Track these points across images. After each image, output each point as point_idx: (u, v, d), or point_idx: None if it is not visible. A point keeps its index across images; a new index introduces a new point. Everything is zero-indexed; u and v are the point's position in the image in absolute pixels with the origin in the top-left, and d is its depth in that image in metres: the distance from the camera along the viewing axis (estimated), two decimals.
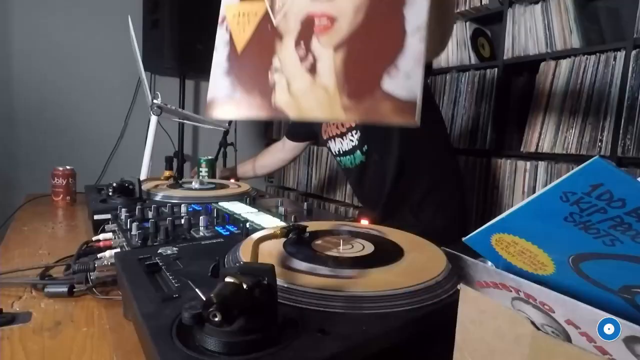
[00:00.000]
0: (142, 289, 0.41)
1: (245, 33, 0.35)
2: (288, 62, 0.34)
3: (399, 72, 0.29)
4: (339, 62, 0.32)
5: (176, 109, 1.40)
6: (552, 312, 0.26)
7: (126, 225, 0.68)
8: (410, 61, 0.29)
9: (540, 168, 1.46)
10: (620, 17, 1.46)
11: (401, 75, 0.29)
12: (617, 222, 0.25)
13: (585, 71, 1.36)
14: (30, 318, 0.48)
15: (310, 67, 0.33)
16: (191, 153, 2.56)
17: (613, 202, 0.24)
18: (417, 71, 0.29)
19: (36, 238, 0.81)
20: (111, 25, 2.13)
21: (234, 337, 0.31)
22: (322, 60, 0.32)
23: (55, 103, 2.10)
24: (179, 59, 2.08)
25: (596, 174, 0.24)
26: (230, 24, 0.36)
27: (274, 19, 0.34)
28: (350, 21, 0.32)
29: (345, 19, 0.32)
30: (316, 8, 0.33)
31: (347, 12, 0.32)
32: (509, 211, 0.29)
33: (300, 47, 0.33)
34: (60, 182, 1.12)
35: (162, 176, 1.29)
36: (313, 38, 0.33)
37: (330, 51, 0.32)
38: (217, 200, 0.92)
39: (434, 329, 0.39)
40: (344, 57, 0.32)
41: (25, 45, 2.02)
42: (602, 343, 0.24)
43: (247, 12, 0.35)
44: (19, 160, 2.05)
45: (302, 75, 0.33)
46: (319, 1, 0.33)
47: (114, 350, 0.42)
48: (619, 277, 0.27)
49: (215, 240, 0.60)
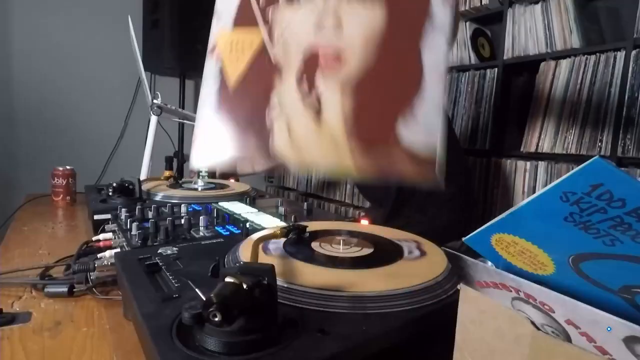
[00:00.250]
0: (142, 289, 0.41)
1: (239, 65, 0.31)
2: (289, 101, 0.29)
3: (417, 122, 0.25)
4: (348, 104, 0.27)
5: (176, 109, 1.40)
6: (552, 312, 0.26)
7: (126, 225, 0.68)
8: (429, 109, 0.25)
9: (540, 168, 1.46)
10: (620, 17, 1.46)
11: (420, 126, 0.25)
12: (617, 222, 0.25)
13: (585, 71, 1.36)
14: (30, 318, 0.48)
15: (315, 110, 0.28)
16: None
17: (613, 202, 0.24)
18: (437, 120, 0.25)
19: (36, 238, 0.81)
20: (111, 25, 2.13)
21: (234, 337, 0.31)
22: (328, 102, 0.28)
23: (55, 103, 2.10)
24: (179, 59, 2.08)
25: (596, 174, 0.24)
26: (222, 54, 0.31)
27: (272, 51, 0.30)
28: (359, 57, 0.27)
29: (354, 54, 0.27)
30: (320, 40, 0.28)
31: (356, 45, 0.27)
32: (508, 211, 0.29)
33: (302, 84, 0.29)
34: (60, 182, 1.12)
35: (162, 176, 1.29)
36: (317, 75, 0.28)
37: (337, 91, 0.28)
38: (217, 200, 0.92)
39: (434, 329, 0.39)
40: (354, 100, 0.27)
41: (25, 45, 2.02)
42: (602, 343, 0.24)
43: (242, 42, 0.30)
44: (19, 160, 2.05)
45: (305, 118, 0.28)
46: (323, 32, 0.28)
47: (114, 350, 0.42)
48: (619, 277, 0.27)
49: (215, 240, 0.60)
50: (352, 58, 0.27)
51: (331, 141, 0.27)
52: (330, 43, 0.28)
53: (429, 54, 0.25)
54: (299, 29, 0.29)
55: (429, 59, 0.26)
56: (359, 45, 0.27)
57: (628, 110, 1.24)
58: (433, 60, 0.25)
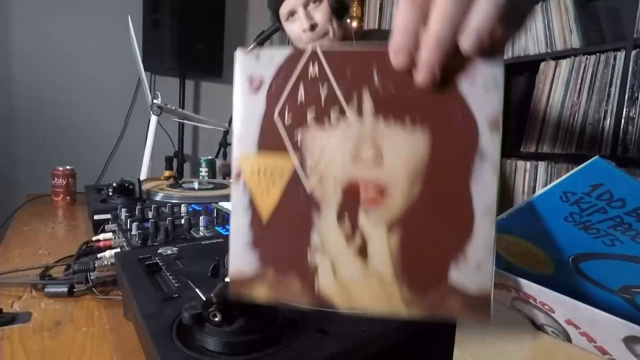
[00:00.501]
0: (142, 289, 0.41)
1: (271, 198, 0.27)
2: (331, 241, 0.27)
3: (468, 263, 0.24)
4: (395, 245, 0.26)
5: (176, 109, 1.40)
6: (552, 312, 0.26)
7: (126, 225, 0.68)
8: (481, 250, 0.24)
9: (540, 168, 1.46)
10: (620, 17, 1.46)
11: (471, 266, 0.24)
12: (617, 222, 0.25)
13: (585, 71, 1.36)
14: (30, 318, 0.48)
15: (360, 249, 0.26)
16: (191, 153, 2.56)
17: (613, 202, 0.24)
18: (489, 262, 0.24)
19: (36, 238, 0.81)
20: (111, 25, 2.13)
21: (234, 337, 0.31)
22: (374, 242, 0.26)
23: (55, 103, 2.10)
24: (179, 59, 2.08)
25: (596, 174, 0.24)
26: (249, 183, 0.28)
27: (306, 182, 0.27)
28: (405, 194, 0.25)
29: (399, 191, 0.25)
30: (360, 174, 0.26)
31: (401, 181, 0.25)
32: (509, 211, 0.29)
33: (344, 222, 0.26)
34: (60, 182, 1.12)
35: (162, 176, 1.29)
36: (360, 212, 0.26)
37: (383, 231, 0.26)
38: (217, 200, 0.92)
39: (434, 329, 0.39)
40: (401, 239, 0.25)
41: (25, 45, 2.02)
42: (602, 343, 0.24)
43: (271, 170, 0.27)
44: (19, 160, 2.05)
45: (351, 259, 0.26)
46: (363, 165, 0.26)
47: (114, 350, 0.42)
48: (619, 277, 0.27)
49: (215, 240, 0.60)
50: (396, 193, 0.25)
51: (380, 283, 0.26)
52: (371, 177, 0.26)
53: (478, 187, 0.24)
54: (334, 159, 0.26)
55: (478, 192, 0.24)
56: (403, 180, 0.25)
57: (628, 110, 1.25)
58: (483, 194, 0.24)
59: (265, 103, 0.27)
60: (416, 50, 0.23)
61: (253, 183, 0.27)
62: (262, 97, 0.27)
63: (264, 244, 0.28)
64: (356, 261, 0.26)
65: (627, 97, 1.25)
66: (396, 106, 0.25)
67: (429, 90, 0.24)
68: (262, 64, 0.27)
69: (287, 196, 0.27)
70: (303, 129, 0.27)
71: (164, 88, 2.15)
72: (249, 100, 0.27)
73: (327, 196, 0.26)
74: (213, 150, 1.83)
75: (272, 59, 0.27)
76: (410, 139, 0.25)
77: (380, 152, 0.25)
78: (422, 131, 0.25)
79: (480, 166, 0.24)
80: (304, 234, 0.27)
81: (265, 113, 0.27)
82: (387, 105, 0.25)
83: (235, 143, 0.28)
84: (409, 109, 0.25)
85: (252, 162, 0.27)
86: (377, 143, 0.26)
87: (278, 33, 1.29)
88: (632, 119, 1.24)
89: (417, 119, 0.25)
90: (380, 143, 0.25)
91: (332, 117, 0.26)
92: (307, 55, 0.26)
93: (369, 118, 0.26)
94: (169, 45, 2.05)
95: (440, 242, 0.25)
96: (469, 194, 0.24)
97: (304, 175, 0.27)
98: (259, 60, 0.27)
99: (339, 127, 0.26)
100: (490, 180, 0.24)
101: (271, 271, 0.28)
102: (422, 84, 0.24)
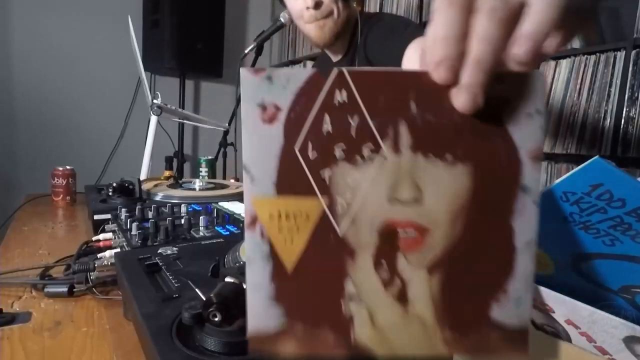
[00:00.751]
0: (142, 289, 0.41)
1: (295, 245, 0.25)
2: (368, 289, 0.25)
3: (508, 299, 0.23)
4: (436, 287, 0.24)
5: (176, 109, 1.40)
6: (552, 312, 0.26)
7: (126, 225, 0.68)
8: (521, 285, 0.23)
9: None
10: (620, 17, 1.46)
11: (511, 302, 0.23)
12: (617, 222, 0.25)
13: (585, 71, 1.36)
14: (30, 318, 0.48)
15: (399, 294, 0.24)
16: (191, 153, 2.56)
17: (613, 202, 0.24)
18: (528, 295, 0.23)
19: (36, 238, 0.81)
20: (111, 25, 2.13)
21: (234, 337, 0.31)
22: (414, 286, 0.24)
23: (55, 103, 2.10)
24: (179, 59, 2.09)
25: (596, 174, 0.24)
26: (267, 230, 0.24)
27: (337, 226, 0.24)
28: (446, 234, 0.23)
29: (440, 231, 0.23)
30: (398, 215, 0.23)
31: (442, 221, 0.23)
32: None
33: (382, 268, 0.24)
34: (60, 182, 1.12)
35: (162, 176, 1.29)
36: (398, 256, 0.24)
37: (423, 273, 0.24)
38: (217, 200, 0.92)
39: None
40: (443, 281, 0.24)
41: (25, 45, 2.02)
42: (602, 343, 0.24)
43: (294, 214, 0.24)
44: (19, 160, 2.05)
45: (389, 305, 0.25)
46: (401, 205, 0.23)
47: (114, 350, 0.42)
48: (619, 277, 0.27)
49: (215, 240, 0.60)
50: (437, 234, 0.23)
51: (420, 326, 0.24)
52: (410, 218, 0.23)
53: (520, 222, 0.23)
54: (369, 199, 0.23)
55: (520, 227, 0.23)
56: (445, 219, 0.23)
57: (628, 110, 1.25)
58: (524, 229, 0.23)
59: (283, 135, 0.23)
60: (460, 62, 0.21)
61: (273, 229, 0.24)
62: (279, 128, 0.23)
63: (289, 297, 0.25)
64: (395, 307, 0.24)
65: (627, 97, 1.25)
66: (436, 138, 0.23)
67: (471, 118, 0.22)
68: (276, 88, 0.23)
69: (315, 242, 0.24)
70: (331, 166, 0.23)
71: (164, 88, 2.15)
72: (263, 133, 0.23)
73: (361, 240, 0.24)
74: (213, 150, 1.83)
75: (288, 82, 0.23)
76: (452, 175, 0.23)
77: (419, 190, 0.23)
78: (463, 165, 0.23)
79: (523, 200, 0.23)
80: (337, 283, 0.25)
81: (284, 147, 0.23)
82: (426, 138, 0.23)
83: (247, 184, 0.24)
84: (450, 141, 0.23)
85: (271, 205, 0.24)
86: (416, 180, 0.23)
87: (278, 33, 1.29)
88: (632, 119, 1.24)
89: (458, 151, 0.23)
90: (419, 180, 0.23)
91: (365, 151, 0.23)
92: (332, 78, 0.23)
93: (407, 153, 0.23)
94: (169, 45, 2.05)
95: (481, 280, 0.24)
96: (511, 229, 0.23)
97: (333, 218, 0.24)
98: (272, 84, 0.23)
99: (372, 162, 0.23)
100: (532, 214, 0.23)
101: (299, 325, 0.25)
102: (463, 108, 0.21)
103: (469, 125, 0.22)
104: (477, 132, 0.23)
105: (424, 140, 0.23)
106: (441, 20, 0.21)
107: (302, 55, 2.48)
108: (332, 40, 1.04)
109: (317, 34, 1.02)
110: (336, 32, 1.02)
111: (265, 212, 0.24)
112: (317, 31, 1.01)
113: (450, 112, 0.22)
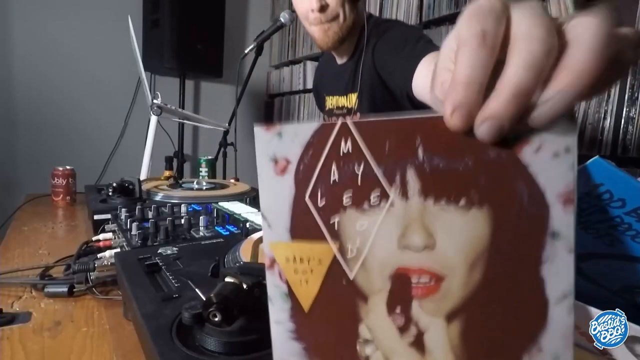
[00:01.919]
0: (142, 289, 0.41)
1: (310, 286, 0.25)
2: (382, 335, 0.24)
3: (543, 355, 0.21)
4: (456, 336, 0.23)
5: (176, 109, 1.40)
6: None
7: (126, 225, 0.68)
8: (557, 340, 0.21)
9: None
10: (620, 17, 1.46)
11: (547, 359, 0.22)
12: (617, 222, 0.25)
13: None
14: (30, 318, 0.48)
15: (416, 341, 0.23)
16: (191, 153, 2.56)
17: (613, 202, 0.24)
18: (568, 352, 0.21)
19: (36, 238, 0.81)
20: (111, 25, 2.13)
21: (234, 337, 0.31)
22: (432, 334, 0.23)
23: (55, 103, 2.10)
24: (179, 59, 2.09)
25: (596, 174, 0.24)
26: (284, 272, 0.25)
27: (348, 270, 0.24)
28: (463, 281, 0.22)
29: (457, 278, 0.22)
30: (410, 261, 0.23)
31: (458, 268, 0.22)
32: None
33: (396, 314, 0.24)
34: (60, 182, 1.12)
35: (162, 176, 1.29)
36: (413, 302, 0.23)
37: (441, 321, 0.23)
38: (217, 200, 0.92)
39: None
40: (463, 330, 0.22)
41: (25, 45, 2.02)
42: None
43: (307, 258, 0.25)
44: (19, 160, 2.05)
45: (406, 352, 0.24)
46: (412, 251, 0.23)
47: (114, 350, 0.42)
48: (619, 277, 0.27)
49: (215, 240, 0.60)
50: (453, 281, 0.22)
51: None
52: (423, 264, 0.22)
53: (551, 270, 0.21)
54: (378, 245, 0.23)
55: (552, 276, 0.21)
56: (460, 266, 0.22)
57: (628, 110, 1.25)
58: (557, 278, 0.20)
59: (294, 185, 0.24)
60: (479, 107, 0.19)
61: (289, 271, 0.25)
62: (290, 179, 0.24)
63: (307, 334, 0.26)
64: (412, 354, 0.23)
65: (627, 97, 1.25)
66: (447, 183, 0.22)
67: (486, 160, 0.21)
68: (286, 142, 0.24)
69: (328, 284, 0.24)
70: (339, 212, 0.24)
71: (164, 88, 2.15)
72: (276, 183, 0.25)
73: (373, 285, 0.24)
74: (213, 150, 1.83)
75: (296, 135, 0.24)
76: (467, 220, 0.21)
77: (431, 236, 0.22)
78: (479, 210, 0.21)
79: (553, 246, 0.20)
80: (351, 326, 0.24)
81: (295, 196, 0.24)
82: (436, 183, 0.22)
83: (265, 229, 0.25)
84: (463, 185, 0.21)
85: (286, 249, 0.25)
86: (427, 226, 0.22)
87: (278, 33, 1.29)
88: (632, 119, 1.24)
89: (472, 195, 0.21)
90: (430, 226, 0.22)
91: (372, 198, 0.23)
92: (336, 129, 0.23)
93: (416, 199, 0.22)
94: (169, 45, 2.05)
95: (508, 332, 0.22)
96: (541, 278, 0.21)
97: (344, 262, 0.24)
98: (282, 139, 0.24)
99: (380, 209, 0.23)
100: (566, 262, 0.20)
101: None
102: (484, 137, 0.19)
103: (483, 168, 0.21)
104: (494, 176, 0.21)
105: (433, 185, 0.22)
106: (468, 62, 0.19)
107: (302, 55, 2.48)
108: (335, 45, 1.02)
109: (320, 38, 1.01)
110: (341, 36, 1.00)
111: (282, 256, 0.25)
112: (320, 34, 1.00)
113: (462, 155, 0.21)
